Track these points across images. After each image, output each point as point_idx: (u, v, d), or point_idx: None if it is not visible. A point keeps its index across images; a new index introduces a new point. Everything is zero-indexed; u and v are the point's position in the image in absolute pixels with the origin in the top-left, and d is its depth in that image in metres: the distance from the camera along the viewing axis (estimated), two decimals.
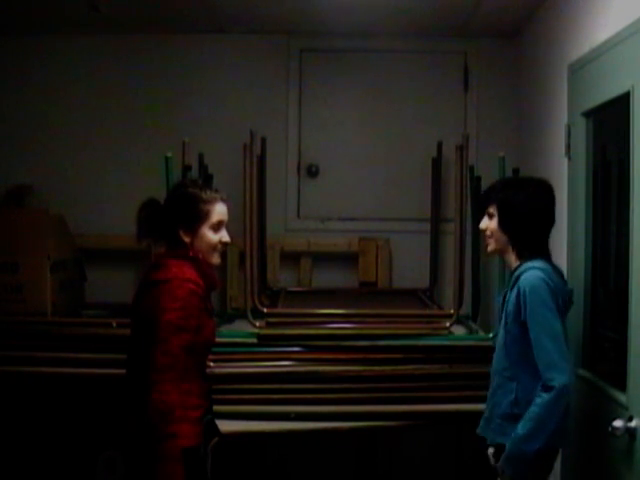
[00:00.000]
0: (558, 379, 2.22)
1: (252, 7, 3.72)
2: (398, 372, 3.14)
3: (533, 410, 2.25)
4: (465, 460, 3.65)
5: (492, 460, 2.46)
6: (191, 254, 2.38)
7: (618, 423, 2.17)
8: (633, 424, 2.16)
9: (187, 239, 2.39)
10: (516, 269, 2.41)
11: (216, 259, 2.46)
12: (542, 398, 2.24)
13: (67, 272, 3.69)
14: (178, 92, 4.15)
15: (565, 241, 2.97)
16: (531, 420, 2.25)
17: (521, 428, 2.26)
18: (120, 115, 4.15)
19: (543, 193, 2.45)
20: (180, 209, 2.41)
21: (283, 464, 3.88)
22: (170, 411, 2.20)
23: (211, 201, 2.43)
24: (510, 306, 2.36)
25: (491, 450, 2.46)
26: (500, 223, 2.43)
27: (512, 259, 2.45)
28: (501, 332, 2.42)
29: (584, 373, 2.73)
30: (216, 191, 2.47)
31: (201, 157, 3.66)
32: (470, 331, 3.45)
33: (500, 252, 2.51)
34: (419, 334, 3.25)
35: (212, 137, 4.01)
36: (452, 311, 3.43)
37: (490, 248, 2.50)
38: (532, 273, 2.33)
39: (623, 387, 2.30)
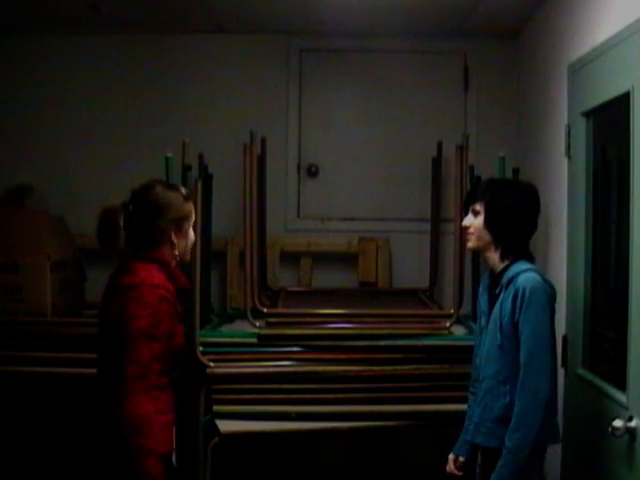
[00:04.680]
0: (533, 382, 2.25)
1: (252, 7, 3.72)
2: (398, 372, 3.14)
3: (515, 421, 2.27)
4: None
5: None
6: (158, 256, 2.28)
7: (618, 423, 2.17)
8: (633, 424, 2.16)
9: (176, 241, 2.32)
10: (504, 270, 2.40)
11: (189, 256, 2.44)
12: (519, 407, 2.27)
13: (67, 272, 3.68)
14: (178, 92, 4.14)
15: (565, 241, 2.97)
16: (516, 431, 2.27)
17: (508, 440, 2.28)
18: (120, 115, 4.15)
19: (530, 196, 2.47)
20: (172, 211, 2.31)
21: (283, 464, 3.88)
22: (144, 423, 2.10)
23: (189, 199, 2.39)
24: (507, 307, 2.34)
25: None
26: (486, 221, 2.41)
27: (495, 259, 2.43)
28: (494, 334, 2.39)
29: (584, 373, 2.72)
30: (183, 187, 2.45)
31: (201, 157, 3.65)
32: (470, 331, 3.45)
33: (481, 250, 2.49)
34: (419, 334, 3.26)
35: (212, 137, 4.01)
36: (452, 311, 3.43)
37: (471, 245, 2.49)
38: (531, 276, 2.33)
39: (623, 387, 2.29)
